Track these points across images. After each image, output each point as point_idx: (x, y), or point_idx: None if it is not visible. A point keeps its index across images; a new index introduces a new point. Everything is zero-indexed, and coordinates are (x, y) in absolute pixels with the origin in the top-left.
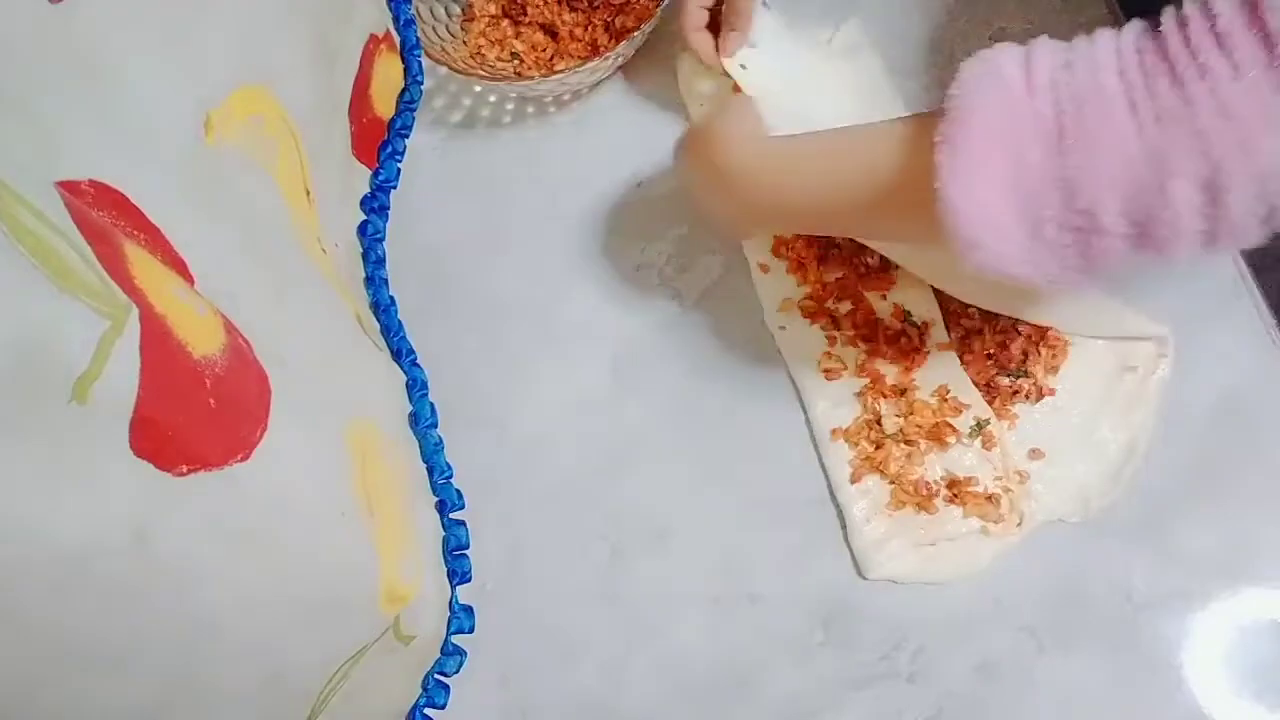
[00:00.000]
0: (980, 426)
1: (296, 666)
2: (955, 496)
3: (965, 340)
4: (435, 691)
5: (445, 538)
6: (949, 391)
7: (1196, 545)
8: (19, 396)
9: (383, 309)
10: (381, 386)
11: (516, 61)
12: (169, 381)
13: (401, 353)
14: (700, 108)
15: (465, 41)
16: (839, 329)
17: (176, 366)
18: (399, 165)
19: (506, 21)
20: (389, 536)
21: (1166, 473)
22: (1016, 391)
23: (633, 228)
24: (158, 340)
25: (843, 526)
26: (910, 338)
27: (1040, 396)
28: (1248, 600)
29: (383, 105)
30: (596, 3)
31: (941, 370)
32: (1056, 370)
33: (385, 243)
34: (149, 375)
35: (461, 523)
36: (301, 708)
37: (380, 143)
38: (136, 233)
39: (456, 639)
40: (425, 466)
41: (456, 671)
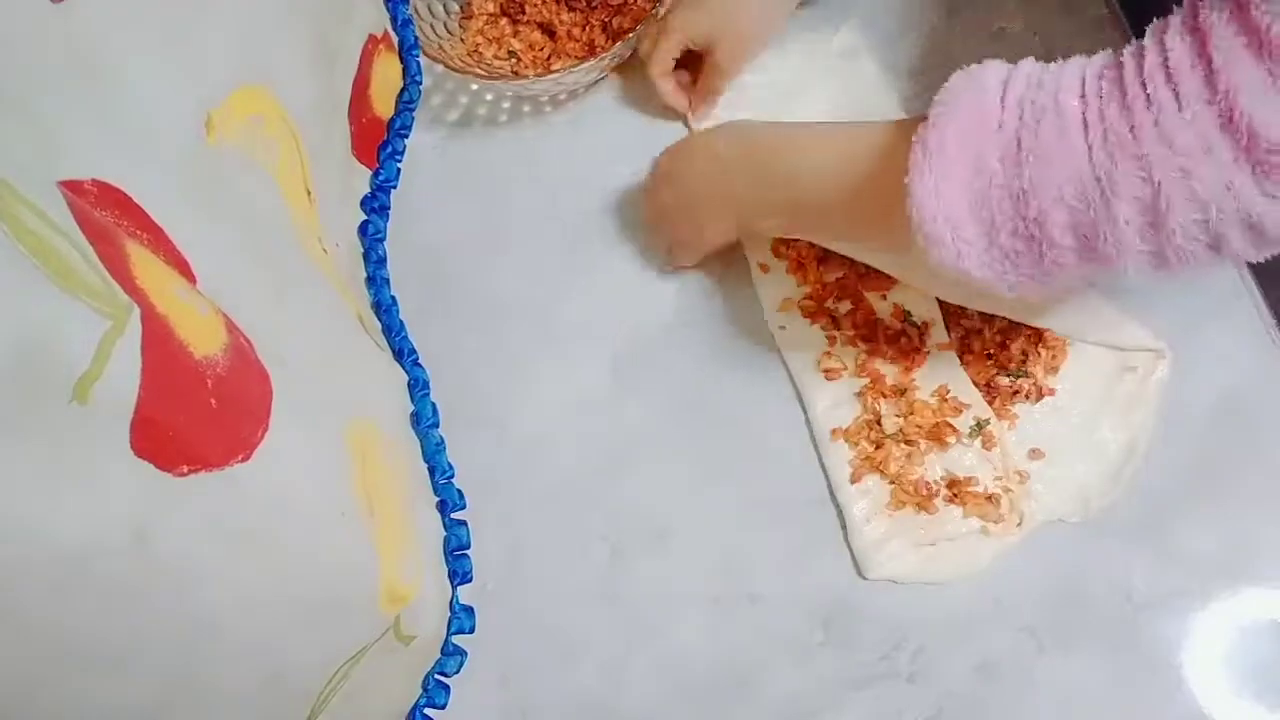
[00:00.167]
0: (980, 426)
1: (296, 666)
2: (955, 496)
3: (965, 340)
4: (436, 692)
5: (446, 538)
6: (949, 391)
7: (1196, 545)
8: (19, 396)
9: (384, 309)
10: (382, 386)
11: (514, 60)
12: (170, 381)
13: (403, 352)
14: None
15: (463, 39)
16: (839, 329)
17: (178, 366)
18: (399, 165)
19: (505, 20)
20: (389, 536)
21: (1166, 473)
22: (1016, 391)
23: (632, 227)
24: (159, 340)
25: (843, 526)
26: (910, 338)
27: (1040, 396)
28: (1248, 600)
29: (382, 105)
30: (594, 3)
31: (941, 370)
32: (1056, 370)
33: (386, 243)
34: (150, 375)
35: (463, 523)
36: (302, 708)
37: (380, 143)
38: (139, 232)
39: (457, 639)
40: (427, 466)
41: (457, 671)
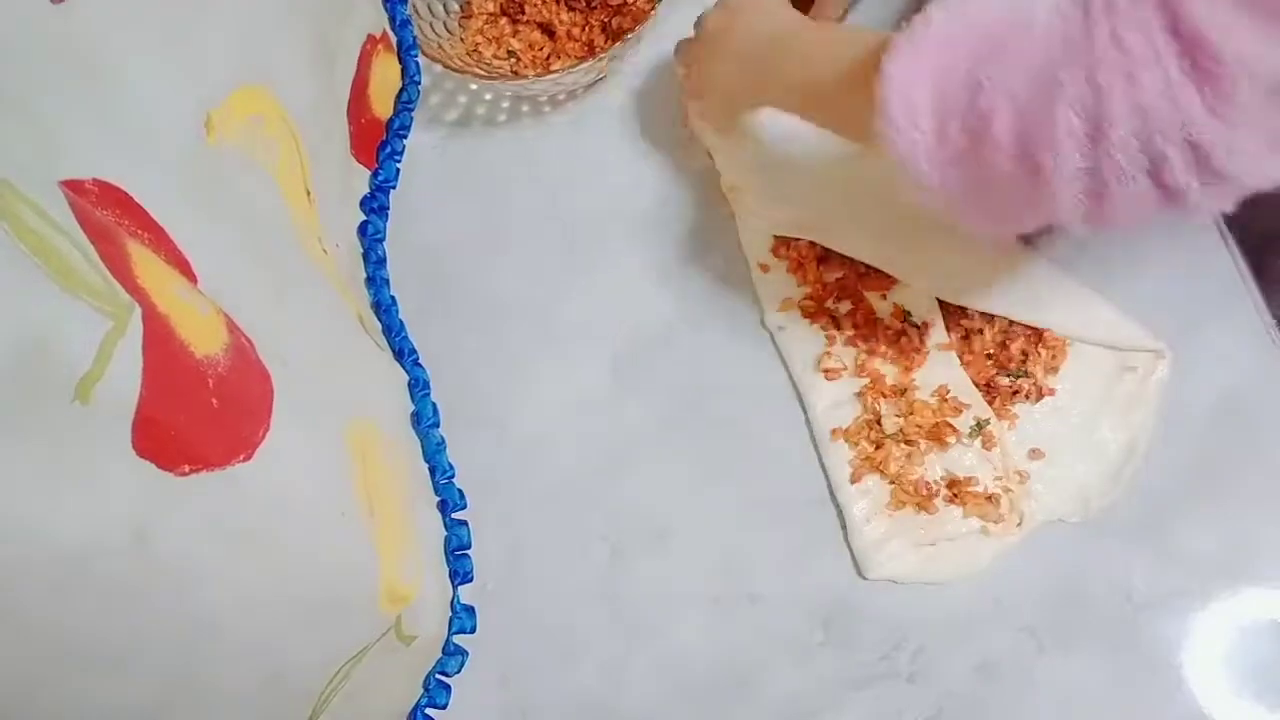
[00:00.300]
0: (980, 426)
1: (297, 666)
2: (955, 496)
3: (965, 340)
4: (436, 691)
5: (447, 538)
6: (949, 391)
7: (1196, 545)
8: (20, 396)
9: (384, 309)
10: (382, 386)
11: (513, 60)
12: (171, 381)
13: (404, 352)
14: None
15: (462, 39)
16: (839, 329)
17: (179, 366)
18: (398, 165)
19: (504, 20)
20: (389, 536)
21: (1166, 473)
22: (1016, 391)
23: (631, 227)
24: (160, 340)
25: (843, 526)
26: (910, 338)
27: (1040, 396)
28: (1248, 600)
29: (381, 106)
30: (594, 3)
31: (941, 370)
32: (1056, 370)
33: (385, 243)
34: (151, 375)
35: (463, 523)
36: (302, 708)
37: (379, 143)
38: (140, 232)
39: (458, 639)
40: (427, 466)
41: (458, 671)
